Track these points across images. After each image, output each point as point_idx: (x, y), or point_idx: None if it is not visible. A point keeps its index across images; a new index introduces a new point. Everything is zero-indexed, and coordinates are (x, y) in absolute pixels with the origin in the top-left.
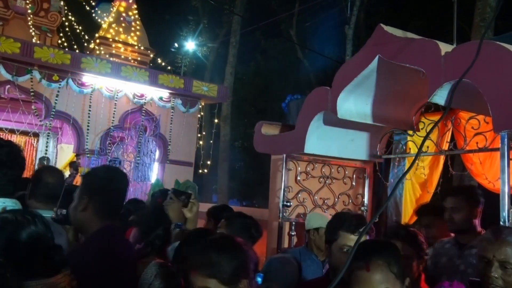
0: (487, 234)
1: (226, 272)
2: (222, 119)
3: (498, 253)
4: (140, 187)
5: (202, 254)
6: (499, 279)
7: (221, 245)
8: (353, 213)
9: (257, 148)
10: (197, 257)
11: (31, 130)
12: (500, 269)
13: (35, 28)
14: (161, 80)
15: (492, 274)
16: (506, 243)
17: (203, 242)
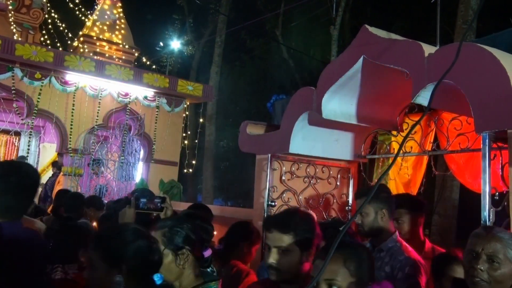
0: (479, 229)
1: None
2: (207, 119)
3: (487, 246)
4: (124, 186)
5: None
6: (485, 272)
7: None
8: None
9: (242, 147)
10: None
11: (12, 129)
12: (487, 262)
13: (17, 25)
14: (146, 79)
15: (479, 266)
16: (497, 238)
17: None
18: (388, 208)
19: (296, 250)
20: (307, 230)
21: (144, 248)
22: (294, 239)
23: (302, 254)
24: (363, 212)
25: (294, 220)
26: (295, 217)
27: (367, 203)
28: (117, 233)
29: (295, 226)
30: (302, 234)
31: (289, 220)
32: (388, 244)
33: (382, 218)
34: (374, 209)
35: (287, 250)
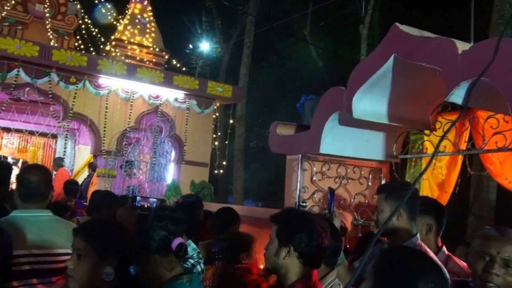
0: (490, 230)
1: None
2: (237, 120)
3: (504, 250)
4: (156, 187)
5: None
6: (500, 277)
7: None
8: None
9: (272, 148)
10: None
11: (49, 132)
12: (503, 267)
13: (53, 31)
14: (176, 81)
15: (494, 271)
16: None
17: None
18: (408, 208)
19: (275, 241)
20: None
21: (128, 243)
22: (276, 230)
23: (280, 247)
24: (379, 208)
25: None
26: (289, 213)
27: (382, 200)
28: (108, 227)
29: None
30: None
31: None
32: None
33: (398, 218)
34: (390, 207)
35: (271, 240)
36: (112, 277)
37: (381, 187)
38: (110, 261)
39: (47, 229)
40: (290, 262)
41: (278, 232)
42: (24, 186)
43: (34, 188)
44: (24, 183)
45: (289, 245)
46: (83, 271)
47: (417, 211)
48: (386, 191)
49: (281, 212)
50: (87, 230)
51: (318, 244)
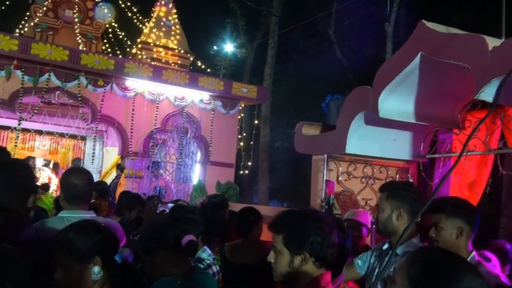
0: None
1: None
2: (262, 120)
3: None
4: (182, 188)
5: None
6: None
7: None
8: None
9: (298, 148)
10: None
11: (79, 134)
12: None
13: (81, 36)
14: (201, 82)
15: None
16: None
17: None
18: (409, 209)
19: (285, 251)
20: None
21: (107, 238)
22: (283, 240)
23: (293, 257)
24: (380, 207)
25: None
26: (290, 217)
27: (384, 199)
28: (79, 231)
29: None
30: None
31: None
32: (405, 248)
33: (398, 218)
34: (390, 207)
35: (279, 252)
36: (100, 275)
37: (383, 186)
38: (95, 262)
39: None
40: (308, 268)
41: (286, 241)
42: (69, 189)
43: (78, 190)
44: (69, 186)
45: (303, 252)
46: (72, 279)
47: (419, 212)
48: (387, 190)
49: (281, 219)
50: (61, 244)
51: (332, 242)
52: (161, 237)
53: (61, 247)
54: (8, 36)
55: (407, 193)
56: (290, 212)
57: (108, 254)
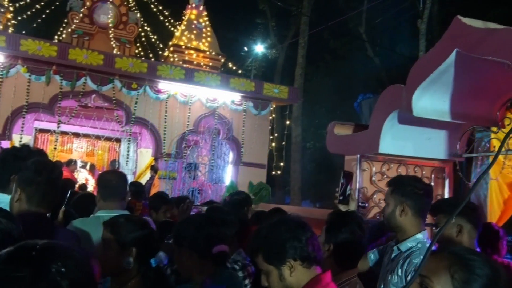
0: None
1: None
2: (293, 121)
3: None
4: (215, 189)
5: None
6: None
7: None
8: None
9: (330, 148)
10: None
11: (114, 136)
12: None
13: (116, 40)
14: (233, 83)
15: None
16: None
17: None
18: (413, 205)
19: (271, 268)
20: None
21: (148, 236)
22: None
23: (280, 270)
24: (385, 201)
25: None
26: (258, 234)
27: (389, 194)
28: (128, 222)
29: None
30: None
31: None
32: (407, 244)
33: (401, 214)
34: (394, 201)
35: (267, 272)
36: (130, 266)
37: (391, 180)
38: (131, 252)
39: None
40: (298, 274)
41: (267, 258)
42: (105, 188)
43: (113, 189)
44: (105, 184)
45: (286, 260)
46: (108, 258)
47: (426, 208)
48: (393, 185)
49: (252, 240)
50: (112, 223)
51: (308, 237)
52: (192, 238)
53: (110, 227)
54: (48, 43)
55: (411, 188)
56: (258, 229)
57: (145, 251)
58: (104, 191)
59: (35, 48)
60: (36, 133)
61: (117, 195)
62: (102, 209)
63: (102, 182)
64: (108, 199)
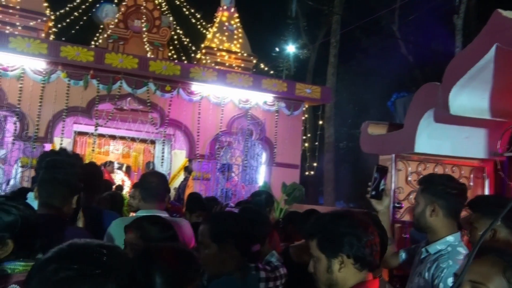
0: None
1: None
2: (326, 121)
3: None
4: (248, 189)
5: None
6: None
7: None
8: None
9: (364, 148)
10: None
11: (148, 138)
12: None
13: (149, 44)
14: (265, 84)
15: None
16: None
17: None
18: (445, 204)
19: (322, 257)
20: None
21: (172, 238)
22: (317, 244)
23: (330, 261)
24: (416, 200)
25: (318, 223)
26: (321, 220)
27: (419, 193)
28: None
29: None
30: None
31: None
32: (436, 246)
33: (431, 214)
34: (424, 201)
35: (316, 259)
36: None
37: (421, 178)
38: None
39: None
40: (347, 272)
41: (320, 245)
42: (146, 189)
43: (153, 190)
44: (146, 186)
45: (339, 254)
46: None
47: (459, 209)
48: (424, 183)
49: (312, 223)
50: (136, 226)
51: (370, 240)
52: (239, 235)
53: (135, 230)
54: (85, 49)
55: (443, 188)
56: (322, 215)
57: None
58: (145, 192)
59: (73, 54)
60: (75, 136)
61: (157, 196)
62: (143, 210)
63: (143, 183)
64: (148, 199)
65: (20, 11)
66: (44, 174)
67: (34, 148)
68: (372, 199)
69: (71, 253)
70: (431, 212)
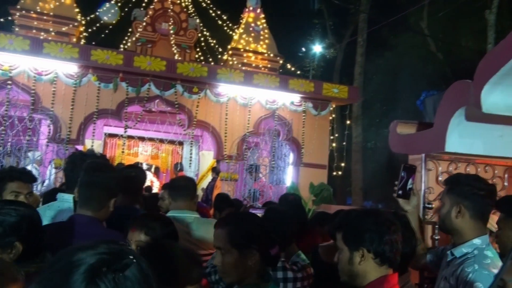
0: None
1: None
2: (353, 120)
3: None
4: (276, 190)
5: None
6: None
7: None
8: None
9: (393, 148)
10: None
11: (176, 139)
12: None
13: (176, 46)
14: (292, 84)
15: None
16: None
17: None
18: (472, 206)
19: (345, 248)
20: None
21: (171, 234)
22: (342, 237)
23: (352, 253)
24: (441, 200)
25: (345, 218)
26: (348, 215)
27: (445, 193)
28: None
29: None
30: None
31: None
32: (462, 249)
33: (457, 216)
34: (450, 202)
35: (340, 250)
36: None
37: (448, 178)
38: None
39: (195, 228)
40: (367, 266)
41: (345, 238)
42: (175, 189)
43: (182, 190)
44: (174, 186)
45: (361, 248)
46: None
47: (487, 210)
48: (450, 183)
49: (340, 217)
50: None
51: (391, 238)
52: (260, 239)
53: (139, 227)
54: (115, 52)
55: (469, 188)
56: (350, 210)
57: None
58: (174, 192)
59: (103, 57)
60: (105, 138)
61: (186, 196)
62: (173, 210)
63: (172, 183)
64: (177, 199)
65: (54, 17)
66: (84, 177)
67: (66, 150)
68: (399, 198)
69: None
70: (457, 213)
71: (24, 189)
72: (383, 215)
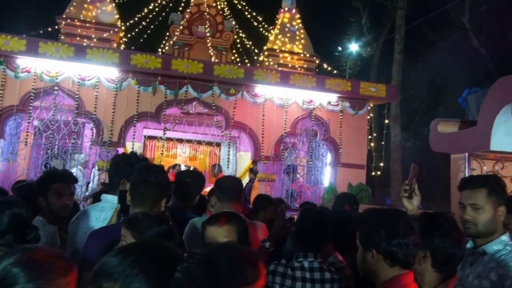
0: None
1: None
2: (392, 119)
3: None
4: (313, 190)
5: None
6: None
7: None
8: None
9: (434, 147)
10: None
11: (214, 141)
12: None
13: (213, 49)
14: (328, 84)
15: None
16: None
17: None
18: (506, 205)
19: (360, 246)
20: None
21: (167, 232)
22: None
23: (364, 252)
24: (478, 206)
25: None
26: (365, 214)
27: (484, 196)
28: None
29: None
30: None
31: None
32: (493, 246)
33: (500, 217)
34: (493, 205)
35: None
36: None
37: (479, 181)
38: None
39: None
40: (378, 265)
41: (359, 237)
42: (221, 190)
43: (228, 191)
44: (220, 187)
45: (371, 248)
46: None
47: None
48: (486, 186)
49: (359, 216)
50: (129, 220)
51: (401, 241)
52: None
53: (126, 223)
54: (153, 56)
55: (500, 188)
56: (366, 210)
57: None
58: (220, 193)
59: (142, 61)
60: (145, 140)
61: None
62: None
63: (218, 185)
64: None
65: (96, 24)
66: (137, 177)
67: (108, 152)
68: (404, 198)
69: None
70: (500, 215)
71: (67, 190)
72: (397, 216)
